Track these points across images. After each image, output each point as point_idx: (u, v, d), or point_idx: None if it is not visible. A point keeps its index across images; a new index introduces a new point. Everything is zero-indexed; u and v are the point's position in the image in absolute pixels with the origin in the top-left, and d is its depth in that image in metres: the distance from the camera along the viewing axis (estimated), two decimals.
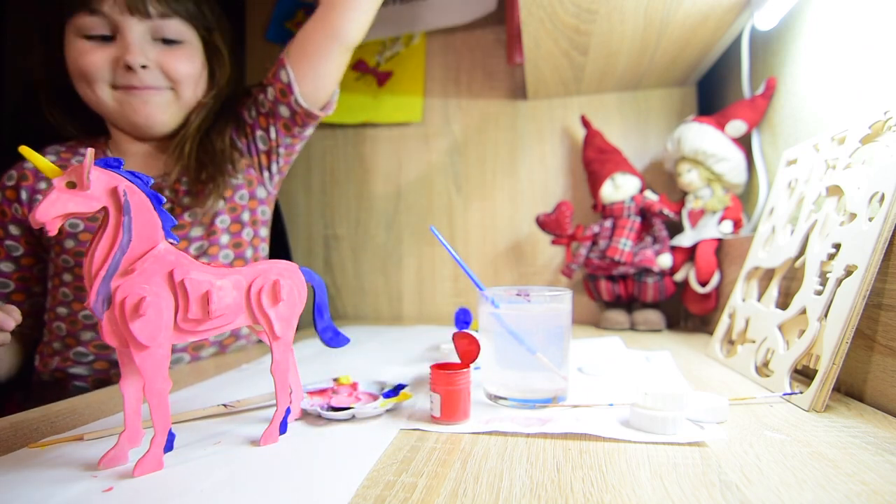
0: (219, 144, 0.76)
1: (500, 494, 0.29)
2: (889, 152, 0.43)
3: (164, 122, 0.72)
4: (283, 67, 0.74)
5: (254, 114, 0.79)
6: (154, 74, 0.69)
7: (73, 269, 0.70)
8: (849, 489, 0.28)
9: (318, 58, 0.73)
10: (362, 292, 1.15)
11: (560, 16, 0.73)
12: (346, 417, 0.42)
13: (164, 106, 0.71)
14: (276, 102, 0.76)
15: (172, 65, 0.70)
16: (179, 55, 0.71)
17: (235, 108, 0.80)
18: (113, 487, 0.31)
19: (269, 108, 0.77)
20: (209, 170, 0.74)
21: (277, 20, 1.18)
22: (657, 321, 0.88)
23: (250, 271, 0.37)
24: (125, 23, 0.66)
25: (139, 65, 0.67)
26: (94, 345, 0.70)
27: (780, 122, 0.74)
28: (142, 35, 0.68)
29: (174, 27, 0.70)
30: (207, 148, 0.75)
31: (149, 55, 0.68)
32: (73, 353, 0.69)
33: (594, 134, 0.97)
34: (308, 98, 0.75)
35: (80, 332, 0.70)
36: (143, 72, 0.68)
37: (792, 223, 0.57)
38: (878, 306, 0.42)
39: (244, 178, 0.80)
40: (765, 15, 0.71)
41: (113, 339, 0.32)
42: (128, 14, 0.66)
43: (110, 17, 0.66)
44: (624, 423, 0.39)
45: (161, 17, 0.68)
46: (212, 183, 0.73)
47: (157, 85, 0.70)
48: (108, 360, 0.70)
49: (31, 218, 0.29)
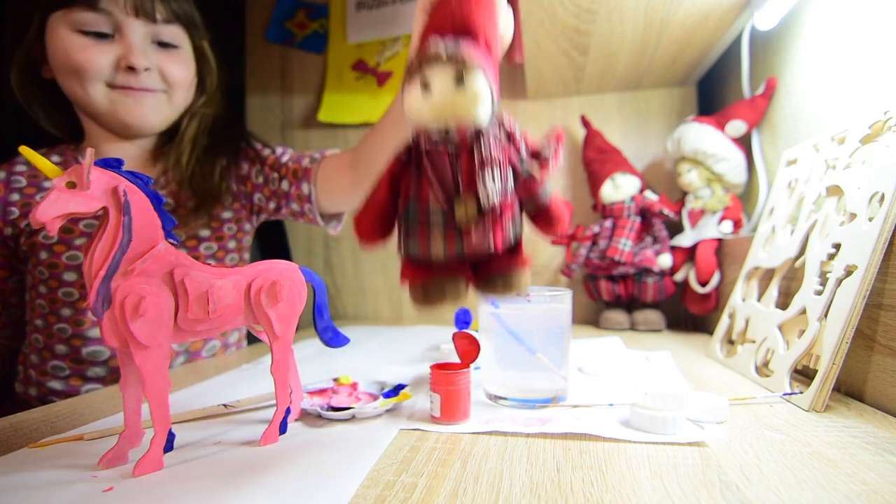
0: (214, 179, 0.77)
1: (500, 494, 0.29)
2: (889, 152, 0.43)
3: (154, 123, 0.72)
4: (308, 181, 0.75)
5: (259, 180, 0.80)
6: (153, 77, 0.69)
7: (48, 280, 0.68)
8: (849, 489, 0.28)
9: (345, 197, 0.75)
10: (362, 292, 1.15)
11: (560, 16, 0.73)
12: (346, 417, 0.42)
13: (156, 108, 0.71)
14: (289, 197, 0.77)
15: (170, 69, 0.70)
16: (176, 59, 0.71)
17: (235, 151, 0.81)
18: (113, 487, 0.31)
19: (280, 194, 0.78)
20: (198, 201, 0.75)
21: (277, 20, 1.18)
22: (657, 321, 0.88)
23: (250, 271, 0.37)
24: (129, 23, 0.66)
25: (143, 67, 0.67)
26: (70, 359, 0.68)
27: (780, 122, 0.74)
28: (143, 37, 0.68)
29: (173, 32, 0.70)
30: (204, 180, 0.76)
31: (150, 58, 0.68)
32: (50, 367, 0.68)
33: (594, 134, 0.97)
34: (323, 211, 0.77)
35: (55, 346, 0.69)
36: (144, 74, 0.68)
37: (792, 223, 0.57)
38: (878, 306, 0.42)
39: (233, 214, 0.81)
40: (765, 15, 0.71)
41: (113, 339, 0.32)
42: (133, 16, 0.66)
43: (114, 16, 0.65)
44: (624, 423, 0.39)
45: (164, 22, 0.69)
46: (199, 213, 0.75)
47: (154, 87, 0.70)
48: (82, 375, 0.68)
49: (31, 218, 0.29)
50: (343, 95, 1.14)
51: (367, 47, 1.13)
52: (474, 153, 0.30)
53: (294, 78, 1.18)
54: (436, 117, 0.30)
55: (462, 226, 0.30)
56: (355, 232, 0.33)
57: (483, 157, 0.30)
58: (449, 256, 0.31)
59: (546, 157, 0.33)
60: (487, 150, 0.30)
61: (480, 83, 0.29)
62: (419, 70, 0.29)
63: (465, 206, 0.30)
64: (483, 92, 0.29)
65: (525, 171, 0.32)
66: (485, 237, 0.30)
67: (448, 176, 0.30)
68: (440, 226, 0.31)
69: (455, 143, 0.30)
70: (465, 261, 0.32)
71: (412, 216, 0.31)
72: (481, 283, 0.33)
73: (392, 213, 0.33)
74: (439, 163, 0.30)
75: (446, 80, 0.29)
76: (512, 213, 0.32)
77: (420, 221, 0.31)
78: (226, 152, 0.80)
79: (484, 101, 0.30)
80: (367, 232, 0.33)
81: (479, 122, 0.30)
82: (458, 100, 0.29)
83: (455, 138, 0.30)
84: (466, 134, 0.30)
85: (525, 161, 0.33)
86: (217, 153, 0.78)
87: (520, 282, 0.33)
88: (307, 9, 1.17)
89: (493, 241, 0.30)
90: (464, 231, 0.30)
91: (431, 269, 0.32)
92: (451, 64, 0.29)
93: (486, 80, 0.30)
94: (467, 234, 0.30)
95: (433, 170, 0.31)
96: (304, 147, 1.17)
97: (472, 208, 0.30)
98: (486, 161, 0.30)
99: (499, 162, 0.30)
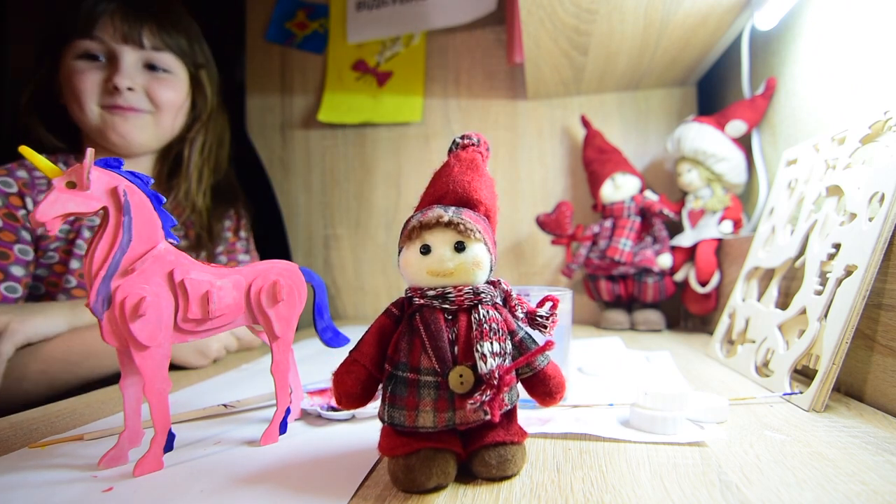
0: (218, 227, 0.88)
1: (500, 494, 0.29)
2: (889, 152, 0.43)
3: (140, 143, 0.76)
4: None
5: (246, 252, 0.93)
6: (138, 97, 0.74)
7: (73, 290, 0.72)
8: (849, 489, 0.28)
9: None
10: (362, 292, 1.15)
11: (560, 16, 0.73)
12: (346, 417, 0.42)
13: (141, 127, 0.75)
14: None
15: (157, 90, 0.75)
16: (165, 83, 0.76)
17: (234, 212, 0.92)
18: (113, 487, 0.31)
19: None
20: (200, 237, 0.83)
21: (277, 20, 1.18)
22: (657, 321, 0.88)
23: (250, 271, 0.37)
24: (119, 49, 0.72)
25: (125, 87, 0.72)
26: None
27: (780, 122, 0.74)
28: (134, 62, 0.74)
29: (165, 59, 0.76)
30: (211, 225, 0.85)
31: (136, 79, 0.74)
32: None
33: (594, 134, 0.97)
34: None
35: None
36: (128, 93, 0.73)
37: (792, 223, 0.57)
38: (878, 306, 0.42)
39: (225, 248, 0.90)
40: (765, 15, 0.71)
41: (113, 339, 0.32)
42: (122, 42, 0.72)
43: (107, 44, 0.72)
44: (624, 423, 0.39)
45: (154, 50, 0.75)
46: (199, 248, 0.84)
47: (140, 107, 0.75)
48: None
49: (31, 218, 0.29)
50: (343, 95, 1.14)
51: (367, 47, 1.13)
52: (472, 317, 0.29)
53: (294, 78, 1.18)
54: (433, 280, 0.29)
55: (456, 394, 0.28)
56: (334, 391, 0.31)
57: (481, 322, 0.29)
58: (439, 427, 0.29)
59: (544, 320, 0.32)
60: (486, 314, 0.29)
61: (480, 252, 0.29)
62: (419, 236, 0.29)
63: (461, 373, 0.28)
64: (483, 260, 0.30)
65: (524, 335, 0.31)
66: (480, 408, 0.27)
67: (443, 338, 0.29)
68: (431, 393, 0.28)
69: (452, 305, 0.29)
70: (455, 430, 0.30)
71: (400, 379, 0.29)
72: (474, 461, 0.30)
73: (378, 372, 0.31)
74: (434, 324, 0.29)
75: (447, 246, 0.29)
76: (509, 381, 0.29)
77: (409, 386, 0.29)
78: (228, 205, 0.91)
79: (483, 268, 0.30)
80: (348, 392, 0.30)
81: (477, 286, 0.30)
82: (457, 265, 0.29)
83: (453, 299, 0.29)
84: (464, 298, 0.29)
85: (523, 326, 0.32)
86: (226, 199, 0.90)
87: (516, 458, 0.30)
88: (307, 9, 1.17)
89: (489, 410, 0.28)
90: (457, 400, 0.28)
91: (416, 438, 0.29)
92: (453, 230, 0.29)
93: (486, 247, 0.30)
94: (461, 404, 0.28)
95: (427, 331, 0.29)
96: (305, 147, 1.17)
97: (469, 375, 0.28)
98: (485, 327, 0.29)
99: (497, 327, 0.29)
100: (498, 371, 0.28)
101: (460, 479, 0.31)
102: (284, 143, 1.18)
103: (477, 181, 0.32)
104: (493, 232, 0.32)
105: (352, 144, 1.15)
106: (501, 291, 0.32)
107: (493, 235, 0.32)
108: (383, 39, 1.13)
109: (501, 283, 0.33)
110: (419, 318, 0.30)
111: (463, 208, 0.31)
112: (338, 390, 0.31)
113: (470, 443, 0.31)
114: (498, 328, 0.29)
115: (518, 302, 0.32)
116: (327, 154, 1.16)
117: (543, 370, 0.31)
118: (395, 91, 1.12)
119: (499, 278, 0.33)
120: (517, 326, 0.31)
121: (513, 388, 0.31)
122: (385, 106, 1.12)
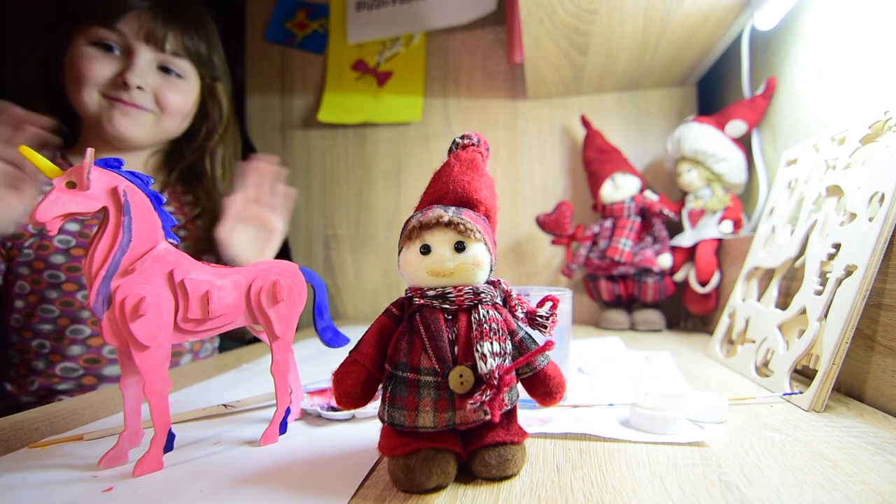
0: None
1: (500, 494, 0.29)
2: (889, 152, 0.43)
3: (135, 138, 0.74)
4: None
5: None
6: (145, 97, 0.72)
7: (62, 285, 0.70)
8: (849, 489, 0.28)
9: None
10: (362, 292, 1.15)
11: (560, 16, 0.73)
12: (346, 417, 0.42)
13: (140, 124, 0.74)
14: None
15: (166, 94, 0.74)
16: (175, 88, 0.75)
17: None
18: (113, 487, 0.31)
19: None
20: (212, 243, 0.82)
21: (277, 20, 1.18)
22: (657, 321, 0.88)
23: (250, 271, 0.37)
24: (137, 46, 0.70)
25: (135, 84, 0.70)
26: (84, 359, 0.70)
27: (780, 122, 0.74)
28: (148, 62, 0.72)
29: (180, 64, 0.75)
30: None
31: (147, 80, 0.72)
32: (59, 370, 0.69)
33: (594, 134, 0.97)
34: None
35: (66, 348, 0.70)
36: (136, 91, 0.71)
37: (792, 223, 0.57)
38: (878, 306, 0.42)
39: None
40: (765, 15, 0.71)
41: (113, 339, 0.32)
42: (143, 41, 0.71)
43: (128, 39, 0.70)
44: (624, 423, 0.39)
45: (173, 55, 0.73)
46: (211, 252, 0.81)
47: (144, 106, 0.73)
48: (97, 374, 0.70)
49: (31, 218, 0.29)
50: (343, 95, 1.14)
51: (367, 47, 1.13)
52: (472, 317, 0.29)
53: (294, 78, 1.18)
54: (433, 280, 0.29)
55: (456, 394, 0.28)
56: (334, 391, 0.31)
57: (481, 322, 0.29)
58: (439, 427, 0.29)
59: (544, 320, 0.32)
60: (486, 314, 0.29)
61: (480, 252, 0.30)
62: (419, 236, 0.29)
63: (462, 373, 0.28)
64: (483, 260, 0.30)
65: (524, 335, 0.31)
66: (480, 407, 0.27)
67: (443, 338, 0.29)
68: (431, 393, 0.29)
69: (452, 305, 0.29)
70: (455, 430, 0.30)
71: (400, 379, 0.29)
72: (474, 461, 0.30)
73: (378, 372, 0.31)
74: (434, 324, 0.29)
75: (447, 246, 0.29)
76: (510, 381, 0.29)
77: (409, 386, 0.29)
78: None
79: (483, 268, 0.30)
80: (348, 392, 0.30)
81: (477, 286, 0.30)
82: (457, 265, 0.29)
83: (453, 299, 0.29)
84: (464, 298, 0.29)
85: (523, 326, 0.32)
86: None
87: (516, 458, 0.30)
88: (307, 9, 1.17)
89: (489, 410, 0.28)
90: (457, 400, 0.28)
91: (416, 438, 0.29)
92: (453, 230, 0.29)
93: (486, 247, 0.30)
94: (461, 404, 0.28)
95: (427, 331, 0.29)
96: (305, 147, 1.17)
97: (469, 375, 0.28)
98: (485, 327, 0.29)
99: (497, 327, 0.29)
100: (498, 371, 0.28)
101: (460, 479, 0.31)
102: (284, 144, 1.18)
103: (477, 181, 0.32)
104: (493, 232, 0.32)
105: (352, 144, 1.15)
106: (501, 291, 0.32)
107: (493, 235, 0.32)
108: (383, 39, 1.13)
109: (501, 283, 0.33)
110: (419, 318, 0.30)
111: (463, 208, 0.31)
112: (338, 390, 0.31)
113: (470, 443, 0.31)
114: (498, 328, 0.29)
115: (518, 302, 0.32)
116: (327, 154, 1.17)
117: (543, 370, 0.31)
118: (395, 91, 1.12)
119: (499, 278, 0.33)
120: (517, 326, 0.31)
121: (513, 388, 0.31)
122: (385, 106, 1.12)
